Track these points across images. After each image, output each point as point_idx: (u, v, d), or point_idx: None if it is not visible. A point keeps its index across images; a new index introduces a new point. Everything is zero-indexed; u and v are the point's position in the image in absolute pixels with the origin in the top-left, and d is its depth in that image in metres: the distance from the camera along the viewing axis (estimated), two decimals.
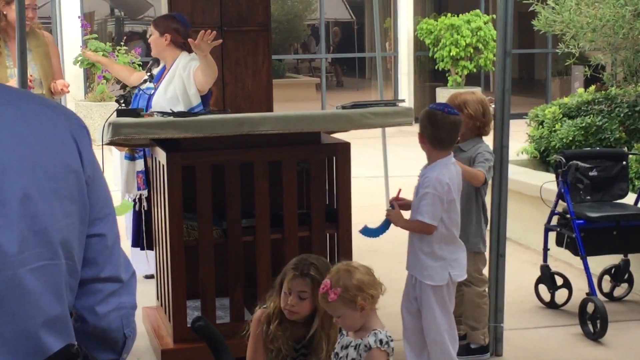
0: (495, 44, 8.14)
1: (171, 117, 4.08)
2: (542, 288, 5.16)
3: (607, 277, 5.29)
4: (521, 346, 4.50)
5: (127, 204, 4.95)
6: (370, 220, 3.99)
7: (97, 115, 11.81)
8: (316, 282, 3.10)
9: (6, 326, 1.31)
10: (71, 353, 1.32)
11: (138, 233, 5.29)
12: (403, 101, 4.69)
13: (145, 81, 5.09)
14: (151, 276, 5.26)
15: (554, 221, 5.05)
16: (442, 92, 14.34)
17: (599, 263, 5.25)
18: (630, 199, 5.23)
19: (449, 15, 14.81)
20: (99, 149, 3.57)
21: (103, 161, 3.38)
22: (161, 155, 4.06)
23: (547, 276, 5.10)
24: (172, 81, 4.99)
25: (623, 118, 7.40)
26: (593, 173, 5.08)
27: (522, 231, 6.42)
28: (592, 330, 4.60)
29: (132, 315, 1.55)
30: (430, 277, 3.70)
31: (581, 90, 8.44)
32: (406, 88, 15.41)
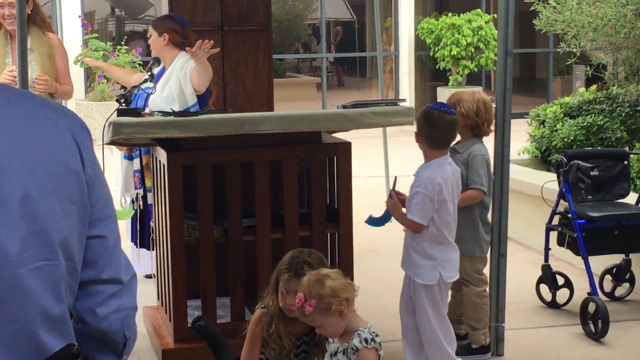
0: (496, 44, 8.13)
1: (172, 117, 4.08)
2: (544, 288, 5.15)
3: (609, 277, 5.29)
4: (522, 346, 4.49)
5: (128, 210, 4.95)
6: None
7: (98, 114, 11.81)
8: None
9: (7, 326, 1.31)
10: (71, 353, 1.32)
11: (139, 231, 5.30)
12: (404, 100, 4.68)
13: (145, 80, 5.09)
14: (149, 276, 5.26)
15: (555, 221, 5.05)
16: (443, 92, 14.32)
17: (600, 263, 5.24)
18: (631, 199, 5.22)
19: (450, 14, 14.79)
20: (100, 149, 3.56)
21: (103, 161, 3.37)
22: (162, 154, 4.06)
23: (549, 276, 5.09)
24: (169, 80, 5.02)
25: (624, 117, 7.39)
26: (594, 173, 5.07)
27: (523, 231, 6.42)
28: (594, 330, 4.59)
29: (133, 316, 1.54)
30: (420, 276, 3.70)
31: (582, 89, 8.43)
32: (407, 87, 15.40)
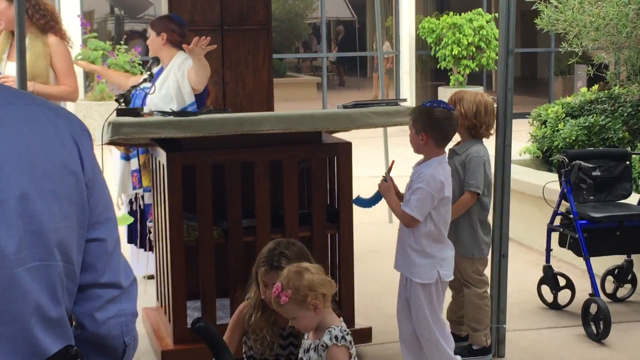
0: (497, 43, 8.11)
1: (171, 117, 4.07)
2: (545, 289, 5.14)
3: (610, 278, 5.27)
4: (523, 347, 4.48)
5: (127, 217, 4.94)
6: (370, 219, 3.97)
7: (97, 114, 11.81)
8: None
9: (5, 326, 1.30)
10: (70, 354, 1.31)
11: (140, 232, 5.29)
12: (405, 100, 4.67)
13: (144, 80, 5.09)
14: (151, 277, 5.25)
15: (557, 221, 5.03)
16: (444, 91, 14.32)
17: (602, 264, 5.23)
18: (633, 199, 5.21)
19: (451, 13, 14.80)
20: (99, 149, 3.54)
21: (103, 161, 3.36)
22: (161, 155, 4.04)
23: (550, 277, 5.07)
24: (167, 80, 5.04)
25: (626, 117, 7.37)
26: (596, 173, 5.05)
27: (525, 231, 6.40)
28: (595, 331, 4.57)
29: (133, 323, 1.53)
30: (418, 275, 3.69)
31: (584, 89, 8.43)
32: (408, 87, 15.39)
